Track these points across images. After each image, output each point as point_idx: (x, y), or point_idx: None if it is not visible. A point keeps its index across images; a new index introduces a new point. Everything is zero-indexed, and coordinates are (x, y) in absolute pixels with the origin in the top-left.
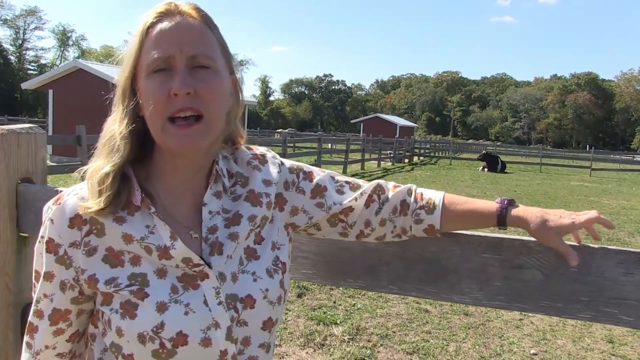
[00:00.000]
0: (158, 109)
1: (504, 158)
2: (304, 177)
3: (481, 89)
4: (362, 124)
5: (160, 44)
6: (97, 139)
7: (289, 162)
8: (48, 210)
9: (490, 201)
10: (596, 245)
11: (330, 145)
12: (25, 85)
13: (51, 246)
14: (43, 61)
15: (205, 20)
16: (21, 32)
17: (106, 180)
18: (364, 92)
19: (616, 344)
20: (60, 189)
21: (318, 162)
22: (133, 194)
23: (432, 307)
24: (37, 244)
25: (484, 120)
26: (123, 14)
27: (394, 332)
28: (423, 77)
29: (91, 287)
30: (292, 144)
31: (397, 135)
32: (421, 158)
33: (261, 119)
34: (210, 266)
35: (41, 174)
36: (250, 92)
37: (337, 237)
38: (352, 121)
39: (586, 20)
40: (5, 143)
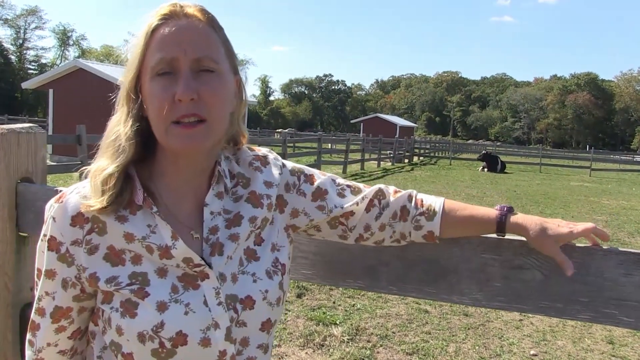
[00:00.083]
0: (162, 113)
1: (503, 158)
2: (305, 180)
3: (481, 89)
4: (362, 124)
5: (165, 47)
6: (98, 139)
7: (290, 164)
8: (50, 208)
9: (489, 208)
10: (596, 247)
11: (330, 145)
12: (25, 84)
13: (53, 244)
14: (43, 61)
15: (210, 22)
16: (22, 31)
17: (110, 180)
18: (363, 92)
19: (616, 344)
20: (60, 188)
21: (318, 162)
22: (135, 193)
23: (431, 307)
24: (39, 242)
25: (483, 120)
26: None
27: (393, 332)
28: (423, 77)
29: (92, 285)
30: (292, 144)
31: (397, 136)
32: (421, 158)
33: (261, 119)
34: (210, 266)
35: (41, 173)
36: (250, 92)
37: (336, 240)
38: (352, 121)
39: (586, 20)
40: (5, 142)
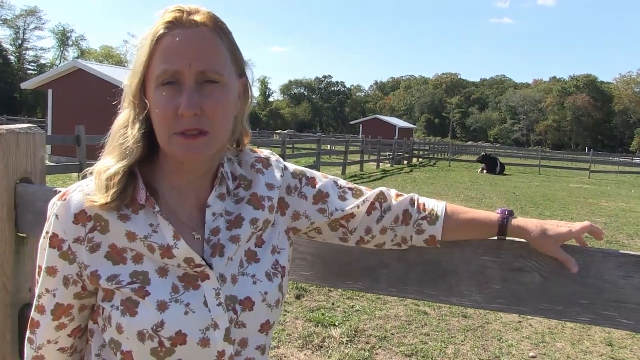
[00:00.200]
0: (165, 124)
1: (502, 160)
2: (307, 182)
3: (480, 90)
4: (361, 125)
5: (169, 58)
6: (97, 139)
7: (292, 167)
8: (53, 205)
9: (490, 212)
10: (596, 248)
11: (329, 146)
12: (24, 85)
13: (55, 241)
14: (42, 61)
15: (216, 28)
16: (21, 32)
17: (114, 178)
18: (363, 93)
19: (615, 347)
20: (59, 189)
21: (317, 163)
22: (138, 192)
23: (430, 309)
24: (41, 239)
25: (482, 122)
26: (123, 14)
27: (392, 334)
28: (422, 79)
29: (93, 283)
30: (291, 145)
31: (396, 137)
32: (420, 160)
33: (260, 120)
34: (211, 267)
35: (40, 174)
36: None
37: (337, 242)
38: (351, 122)
39: (585, 22)
40: (4, 143)
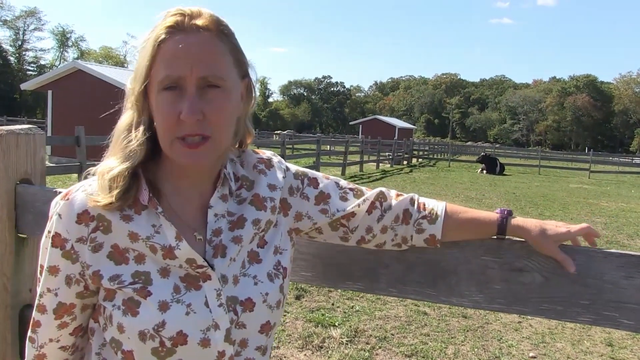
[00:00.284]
0: (167, 128)
1: (502, 160)
2: (309, 184)
3: (480, 91)
4: (360, 126)
5: (171, 65)
6: (96, 140)
7: (294, 168)
8: (56, 205)
9: (490, 212)
10: (596, 249)
11: (329, 147)
12: (24, 86)
13: (57, 241)
14: (42, 62)
15: (218, 32)
16: (21, 33)
17: (118, 178)
18: (362, 93)
19: (615, 347)
20: (60, 190)
21: (317, 164)
22: (140, 193)
23: (430, 309)
24: (43, 239)
25: (482, 122)
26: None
27: (392, 334)
28: (422, 79)
29: (95, 283)
30: (290, 146)
31: (396, 137)
32: (420, 160)
33: (260, 121)
34: (212, 268)
35: (40, 174)
36: None
37: (338, 241)
38: (350, 123)
39: (585, 22)
40: (4, 144)
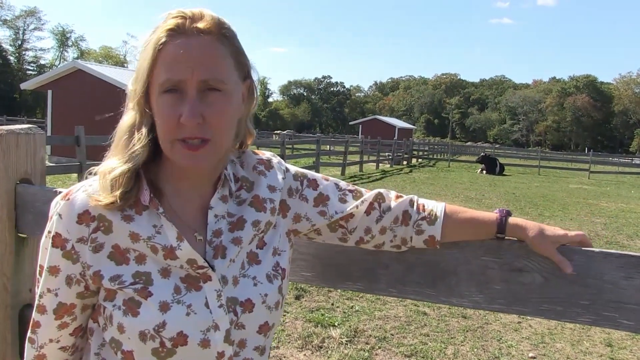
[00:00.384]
0: (168, 131)
1: (502, 160)
2: (308, 185)
3: (480, 91)
4: (360, 126)
5: (172, 68)
6: (96, 140)
7: (294, 169)
8: (56, 205)
9: (489, 212)
10: (596, 249)
11: (328, 147)
12: (24, 85)
13: (58, 241)
14: (42, 62)
15: (219, 35)
16: (21, 32)
17: (120, 179)
18: (362, 94)
19: (615, 347)
20: (60, 189)
21: (316, 164)
22: (142, 193)
23: (430, 309)
24: (43, 239)
25: (482, 122)
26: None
27: (392, 334)
28: (422, 79)
29: (96, 283)
30: (290, 146)
31: (396, 137)
32: (419, 160)
33: (260, 121)
34: (213, 269)
35: (40, 174)
36: None
37: (337, 242)
38: (350, 123)
39: (585, 22)
40: (4, 144)
